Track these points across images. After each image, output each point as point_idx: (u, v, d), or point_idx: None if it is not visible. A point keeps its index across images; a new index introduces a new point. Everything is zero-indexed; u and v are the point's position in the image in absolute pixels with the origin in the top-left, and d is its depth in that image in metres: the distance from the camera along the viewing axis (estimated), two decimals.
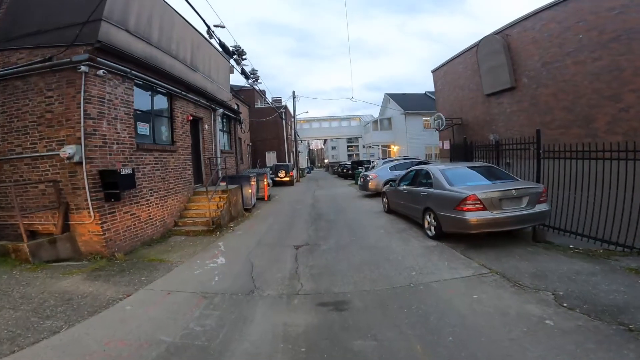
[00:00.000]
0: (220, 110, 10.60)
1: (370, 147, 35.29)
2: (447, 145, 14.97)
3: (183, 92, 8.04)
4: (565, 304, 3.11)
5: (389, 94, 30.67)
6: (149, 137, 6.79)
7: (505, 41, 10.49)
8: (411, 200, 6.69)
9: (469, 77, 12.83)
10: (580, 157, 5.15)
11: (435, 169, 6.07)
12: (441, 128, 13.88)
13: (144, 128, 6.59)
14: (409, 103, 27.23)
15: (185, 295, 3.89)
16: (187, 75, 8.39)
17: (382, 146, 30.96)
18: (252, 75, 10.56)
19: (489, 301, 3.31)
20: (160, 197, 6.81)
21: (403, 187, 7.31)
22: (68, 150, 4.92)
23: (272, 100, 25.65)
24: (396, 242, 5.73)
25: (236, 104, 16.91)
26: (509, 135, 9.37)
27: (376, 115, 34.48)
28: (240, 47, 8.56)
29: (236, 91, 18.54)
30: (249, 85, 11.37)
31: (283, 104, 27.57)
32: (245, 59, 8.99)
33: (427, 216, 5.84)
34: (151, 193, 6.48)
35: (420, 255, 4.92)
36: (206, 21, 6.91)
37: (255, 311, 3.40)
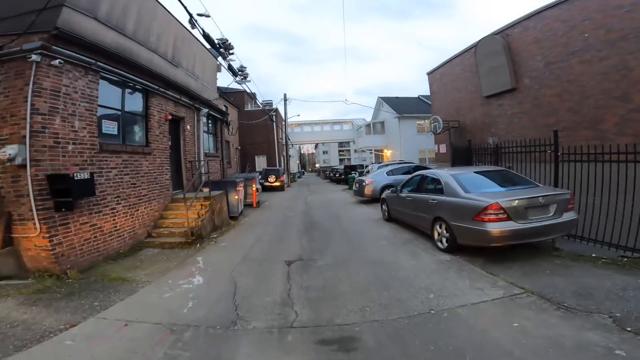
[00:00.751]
0: (205, 110, 9.78)
1: (362, 151, 34.81)
2: (443, 149, 14.53)
3: (161, 89, 7.23)
4: (629, 328, 2.58)
5: (382, 97, 30.31)
6: (117, 137, 5.88)
7: (505, 41, 10.12)
8: (417, 209, 6.01)
9: (466, 78, 12.43)
10: (607, 159, 4.63)
11: (446, 174, 5.41)
12: (438, 131, 13.41)
13: (111, 127, 5.70)
14: (402, 107, 26.92)
15: (148, 327, 3.08)
16: (167, 71, 7.61)
17: (375, 150, 30.50)
18: (240, 72, 9.81)
19: (536, 330, 2.67)
20: (130, 205, 5.90)
21: (406, 193, 6.64)
22: (9, 150, 4.06)
23: (263, 103, 24.89)
24: (403, 255, 5.02)
25: (224, 105, 16.10)
26: (510, 137, 8.91)
27: (369, 119, 34.13)
28: (227, 40, 7.84)
29: (225, 93, 17.76)
30: (237, 83, 10.57)
31: (274, 107, 26.86)
32: (232, 53, 8.26)
33: (438, 226, 5.18)
34: (118, 201, 5.57)
35: (435, 272, 4.22)
36: (188, 8, 6.19)
37: (238, 352, 2.64)
